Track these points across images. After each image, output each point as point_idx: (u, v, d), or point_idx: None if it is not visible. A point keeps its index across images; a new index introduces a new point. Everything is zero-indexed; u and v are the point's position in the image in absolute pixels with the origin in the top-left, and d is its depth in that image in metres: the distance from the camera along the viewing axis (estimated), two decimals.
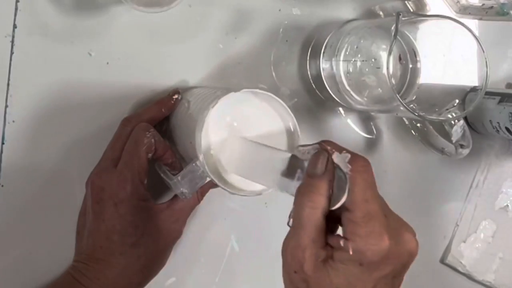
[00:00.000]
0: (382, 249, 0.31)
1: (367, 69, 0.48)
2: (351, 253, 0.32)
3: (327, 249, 0.33)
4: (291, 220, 0.34)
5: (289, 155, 0.37)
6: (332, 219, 0.34)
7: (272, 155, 0.38)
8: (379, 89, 0.48)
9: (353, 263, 0.32)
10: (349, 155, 0.33)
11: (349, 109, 0.55)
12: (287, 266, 0.34)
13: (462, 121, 0.50)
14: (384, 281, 0.32)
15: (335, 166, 0.34)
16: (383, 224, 0.32)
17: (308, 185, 0.34)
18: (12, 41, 0.43)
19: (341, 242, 0.32)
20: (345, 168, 0.33)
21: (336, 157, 0.34)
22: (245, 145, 0.40)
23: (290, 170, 0.37)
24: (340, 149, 0.34)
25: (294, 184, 0.35)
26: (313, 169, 0.34)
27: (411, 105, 0.48)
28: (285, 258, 0.34)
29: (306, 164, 0.35)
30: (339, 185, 0.34)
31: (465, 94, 0.49)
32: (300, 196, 0.34)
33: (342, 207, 0.33)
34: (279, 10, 0.52)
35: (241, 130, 0.40)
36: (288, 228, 0.35)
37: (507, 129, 0.54)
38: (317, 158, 0.34)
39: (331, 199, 0.33)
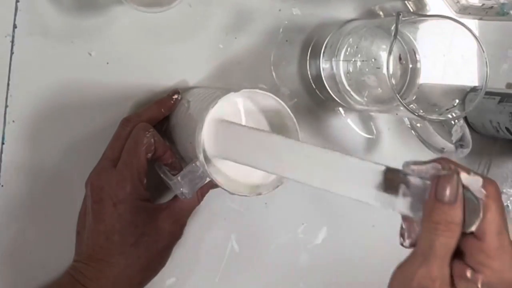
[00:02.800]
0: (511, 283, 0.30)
1: (367, 69, 0.48)
2: (479, 286, 0.30)
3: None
4: (410, 242, 0.33)
5: (383, 168, 0.34)
6: None
7: (358, 165, 0.35)
8: (379, 89, 0.48)
9: None
10: (481, 179, 0.31)
11: (349, 109, 0.55)
12: None
13: (462, 121, 0.50)
14: None
15: (465, 189, 0.31)
16: None
17: (441, 212, 0.31)
18: (12, 41, 0.43)
19: (468, 273, 0.30)
20: (479, 193, 0.31)
21: (465, 179, 0.31)
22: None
23: (388, 185, 0.34)
24: (466, 169, 0.31)
25: (400, 201, 0.33)
26: (443, 195, 0.31)
27: (411, 105, 0.48)
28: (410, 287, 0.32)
29: (411, 179, 0.33)
30: (470, 208, 0.31)
31: (465, 94, 0.49)
32: (434, 223, 0.31)
33: (470, 233, 0.31)
34: (279, 10, 0.52)
35: None
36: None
37: (507, 129, 0.54)
38: (447, 182, 0.31)
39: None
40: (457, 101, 0.49)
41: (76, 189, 0.46)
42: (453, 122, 0.50)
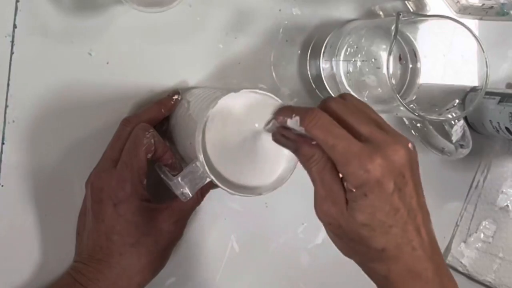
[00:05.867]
0: (371, 173, 0.33)
1: (367, 69, 0.48)
2: (354, 190, 0.34)
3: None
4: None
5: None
6: None
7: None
8: (379, 89, 0.48)
9: (361, 197, 0.34)
10: (298, 118, 0.36)
11: None
12: (324, 224, 0.37)
13: (462, 121, 0.50)
14: (397, 195, 0.34)
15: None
16: (359, 152, 0.33)
17: (301, 155, 0.36)
18: (12, 41, 0.43)
19: (345, 185, 0.35)
20: (300, 131, 0.35)
21: (289, 124, 0.36)
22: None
23: None
24: (291, 114, 0.36)
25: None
26: (293, 148, 0.37)
27: (411, 105, 0.48)
28: (320, 218, 0.37)
29: None
30: None
31: (465, 94, 0.49)
32: (307, 168, 0.36)
33: None
34: (279, 10, 0.52)
35: (241, 131, 0.40)
36: None
37: (507, 129, 0.54)
38: (280, 139, 0.38)
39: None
40: (457, 101, 0.49)
41: (76, 189, 0.46)
42: (453, 122, 0.50)
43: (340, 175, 0.35)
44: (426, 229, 0.36)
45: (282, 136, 0.38)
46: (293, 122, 0.36)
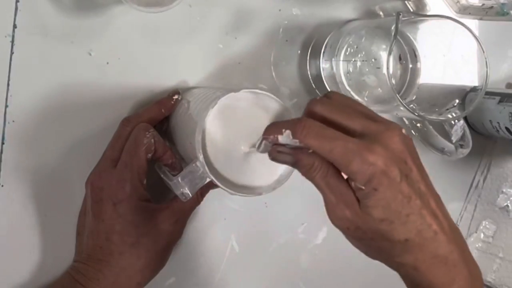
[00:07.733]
0: (375, 165, 0.32)
1: (367, 69, 0.48)
2: (363, 188, 0.33)
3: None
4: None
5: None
6: None
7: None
8: (379, 89, 0.48)
9: (372, 193, 0.33)
10: (289, 131, 0.35)
11: None
12: (342, 230, 0.36)
13: (462, 121, 0.50)
14: (406, 183, 0.33)
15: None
16: (357, 148, 0.33)
17: (301, 167, 0.35)
18: (12, 41, 0.43)
19: (353, 185, 0.34)
20: (295, 143, 0.35)
21: (282, 140, 0.35)
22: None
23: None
24: (280, 129, 0.35)
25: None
26: (292, 162, 0.36)
27: (411, 105, 0.48)
28: (336, 225, 0.36)
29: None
30: None
31: (465, 94, 0.49)
32: (310, 178, 0.35)
33: None
34: (279, 10, 0.52)
35: (240, 131, 0.40)
36: None
37: (507, 129, 0.54)
38: (277, 157, 0.36)
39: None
40: (457, 101, 0.49)
41: (76, 189, 0.46)
42: (453, 122, 0.50)
43: (345, 176, 0.35)
44: (442, 212, 0.35)
45: (278, 152, 0.36)
46: (285, 138, 0.35)
